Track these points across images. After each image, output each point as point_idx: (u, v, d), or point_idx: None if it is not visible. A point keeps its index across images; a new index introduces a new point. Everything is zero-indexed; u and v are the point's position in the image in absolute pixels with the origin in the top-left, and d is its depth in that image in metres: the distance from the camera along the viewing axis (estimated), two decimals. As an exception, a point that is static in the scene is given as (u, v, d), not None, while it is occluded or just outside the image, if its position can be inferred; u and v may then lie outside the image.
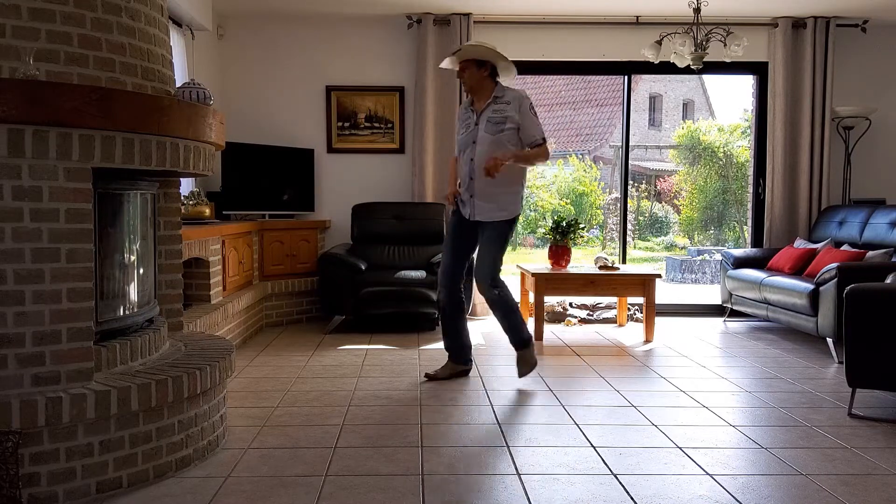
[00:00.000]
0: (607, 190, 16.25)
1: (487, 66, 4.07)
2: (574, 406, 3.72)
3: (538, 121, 4.08)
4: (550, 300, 6.37)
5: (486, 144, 4.03)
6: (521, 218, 4.29)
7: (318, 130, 6.50)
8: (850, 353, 3.52)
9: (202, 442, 2.89)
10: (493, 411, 3.61)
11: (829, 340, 4.93)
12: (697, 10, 5.34)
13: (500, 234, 4.11)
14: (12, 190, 2.35)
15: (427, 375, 4.29)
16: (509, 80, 4.23)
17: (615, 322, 6.29)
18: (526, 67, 6.08)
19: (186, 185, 5.27)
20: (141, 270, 3.01)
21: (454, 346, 4.32)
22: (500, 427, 3.36)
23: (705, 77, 18.57)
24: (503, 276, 4.19)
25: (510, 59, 4.13)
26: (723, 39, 5.29)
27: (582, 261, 8.60)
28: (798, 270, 5.63)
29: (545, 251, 6.08)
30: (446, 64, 4.21)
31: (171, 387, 2.67)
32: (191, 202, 5.02)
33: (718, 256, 8.54)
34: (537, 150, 4.05)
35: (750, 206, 6.89)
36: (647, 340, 5.49)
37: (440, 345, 5.18)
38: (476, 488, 2.65)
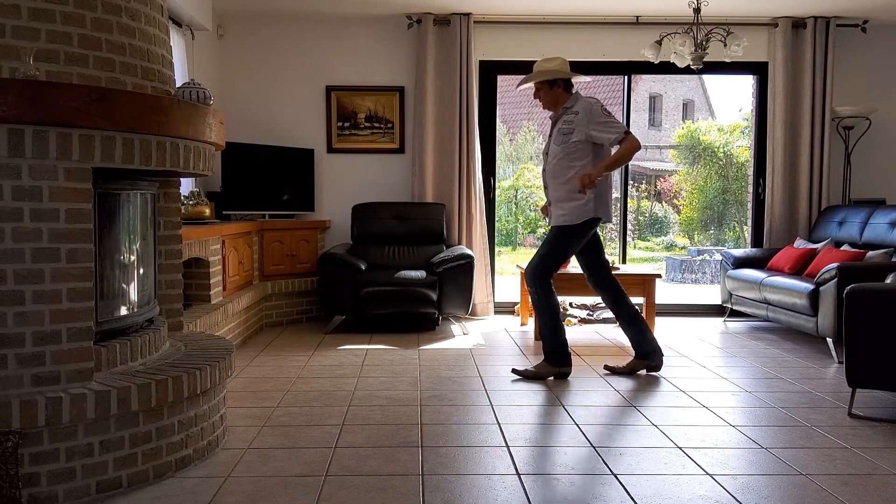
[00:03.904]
0: (607, 190, 16.22)
1: (559, 83, 4.25)
2: (574, 406, 3.72)
3: (612, 119, 4.12)
4: (550, 300, 6.36)
5: (555, 156, 4.22)
6: (592, 226, 4.29)
7: (318, 130, 6.50)
8: (850, 353, 3.52)
9: (202, 442, 2.89)
10: (494, 411, 3.61)
11: (829, 340, 4.93)
12: (697, 10, 5.34)
13: (556, 237, 4.26)
14: (12, 190, 2.35)
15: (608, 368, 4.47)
16: (582, 80, 4.40)
17: (615, 322, 6.28)
18: (526, 67, 6.07)
19: (186, 185, 5.27)
20: (141, 270, 3.01)
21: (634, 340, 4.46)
22: (500, 427, 3.36)
23: (705, 77, 18.58)
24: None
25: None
26: (723, 39, 5.28)
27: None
28: (798, 270, 5.63)
29: (545, 251, 6.06)
30: (524, 87, 4.40)
31: (171, 387, 2.67)
32: (191, 202, 5.02)
33: (718, 256, 8.54)
34: (620, 150, 4.11)
35: (750, 206, 6.88)
36: (647, 340, 5.48)
37: (439, 345, 5.21)
38: (476, 488, 2.65)
